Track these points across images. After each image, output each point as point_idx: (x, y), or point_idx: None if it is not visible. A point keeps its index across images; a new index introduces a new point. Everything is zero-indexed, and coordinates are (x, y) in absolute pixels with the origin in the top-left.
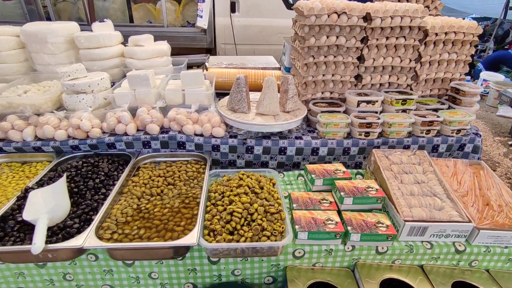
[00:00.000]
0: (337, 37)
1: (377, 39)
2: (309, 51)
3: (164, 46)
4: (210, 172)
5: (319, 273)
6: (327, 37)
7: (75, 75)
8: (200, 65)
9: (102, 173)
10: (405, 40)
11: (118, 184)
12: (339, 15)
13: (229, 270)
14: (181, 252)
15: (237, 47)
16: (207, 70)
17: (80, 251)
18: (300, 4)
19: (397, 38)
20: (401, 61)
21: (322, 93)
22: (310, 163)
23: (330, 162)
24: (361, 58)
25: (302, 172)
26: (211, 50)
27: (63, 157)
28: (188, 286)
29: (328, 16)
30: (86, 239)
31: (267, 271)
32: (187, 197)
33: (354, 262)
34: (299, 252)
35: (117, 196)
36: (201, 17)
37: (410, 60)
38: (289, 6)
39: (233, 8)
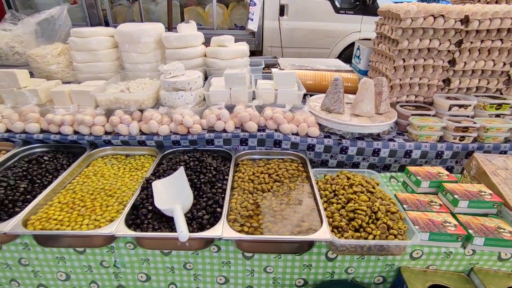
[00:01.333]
0: (430, 40)
1: (472, 42)
2: (399, 54)
3: (245, 46)
4: (312, 170)
5: (434, 275)
6: (420, 40)
7: (175, 73)
8: (272, 66)
9: (212, 168)
10: (502, 43)
11: (230, 179)
12: (435, 18)
13: (343, 267)
14: (306, 247)
15: (283, 50)
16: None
17: (211, 241)
18: (395, 7)
19: (493, 41)
20: (494, 64)
21: (407, 96)
22: (401, 166)
23: (420, 165)
24: (451, 62)
25: (393, 174)
26: (255, 53)
27: (165, 151)
28: (299, 281)
29: (424, 19)
30: (223, 230)
31: (380, 271)
32: (299, 194)
33: (470, 267)
34: (417, 253)
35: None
36: (252, 20)
37: (504, 64)
38: (337, 10)
39: (281, 12)
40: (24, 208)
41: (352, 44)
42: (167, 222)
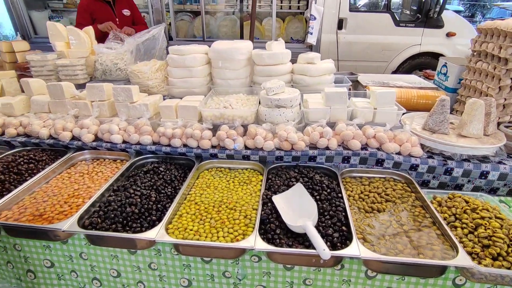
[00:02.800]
0: None
1: None
2: (507, 72)
3: (331, 64)
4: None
5: None
6: None
7: (277, 91)
8: (352, 82)
9: (324, 185)
10: None
11: (345, 197)
12: None
13: None
14: (438, 272)
15: (340, 63)
16: (365, 88)
17: (340, 259)
18: (504, 24)
19: None
20: None
21: (511, 116)
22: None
23: None
24: None
25: (502, 198)
26: None
27: (269, 166)
28: None
29: None
30: (360, 249)
31: None
32: (415, 215)
33: None
34: None
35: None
36: (311, 34)
37: None
38: (397, 23)
39: (340, 25)
40: (161, 216)
41: (412, 57)
42: (295, 238)
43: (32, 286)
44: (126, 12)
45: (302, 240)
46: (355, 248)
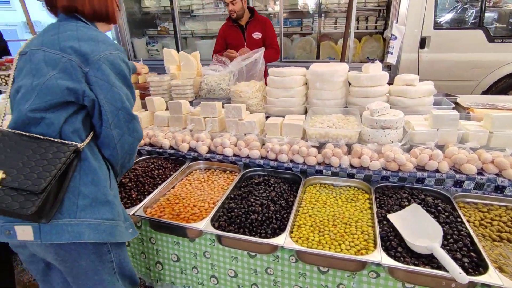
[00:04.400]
0: None
1: None
2: None
3: (431, 86)
4: None
5: None
6: None
7: (382, 112)
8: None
9: (440, 208)
10: None
11: (465, 222)
12: None
13: None
14: None
15: None
16: (467, 110)
17: (473, 285)
18: None
19: None
20: None
21: None
22: None
23: None
24: None
25: None
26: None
27: (374, 186)
28: None
29: None
30: (500, 278)
31: None
32: None
33: None
34: None
35: None
36: (391, 53)
37: None
38: (491, 39)
39: (422, 44)
40: (281, 225)
41: (509, 75)
42: (417, 258)
43: (159, 276)
44: (257, 35)
45: (426, 261)
46: (494, 277)
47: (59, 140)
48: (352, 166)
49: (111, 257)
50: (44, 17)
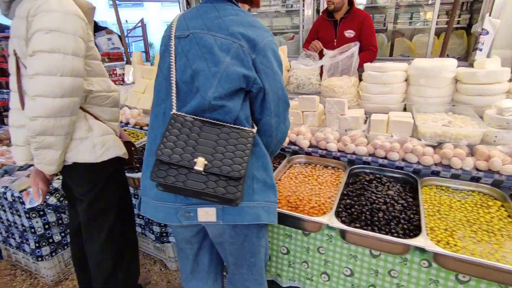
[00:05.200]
0: None
1: None
2: None
3: None
4: None
5: None
6: None
7: None
8: None
9: None
10: None
11: None
12: None
13: None
14: None
15: None
16: None
17: None
18: None
19: None
20: None
21: None
22: None
23: None
24: None
25: None
26: None
27: (507, 192)
28: None
29: None
30: None
31: None
32: None
33: None
34: None
35: None
36: (481, 50)
37: None
38: None
39: None
40: (409, 226)
41: None
42: None
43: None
44: (350, 33)
45: None
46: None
47: (238, 127)
48: (477, 169)
49: (265, 241)
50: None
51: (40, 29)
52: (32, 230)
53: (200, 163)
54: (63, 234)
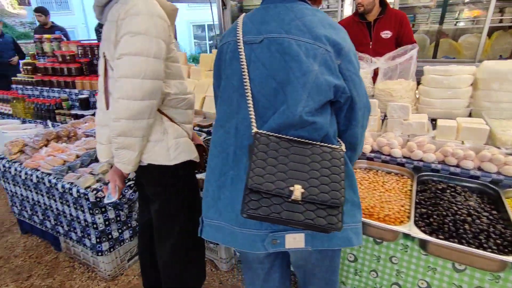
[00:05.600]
0: None
1: None
2: None
3: None
4: None
5: None
6: None
7: None
8: None
9: None
10: None
11: None
12: None
13: None
14: None
15: None
16: None
17: None
18: None
19: None
20: None
21: None
22: None
23: None
24: None
25: None
26: None
27: None
28: None
29: None
30: None
31: None
32: None
33: None
34: None
35: None
36: None
37: None
38: None
39: None
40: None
41: None
42: None
43: None
44: (386, 34)
45: None
46: None
47: (328, 145)
48: None
49: (339, 260)
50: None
51: (127, 32)
52: (94, 225)
53: (297, 192)
54: (120, 231)
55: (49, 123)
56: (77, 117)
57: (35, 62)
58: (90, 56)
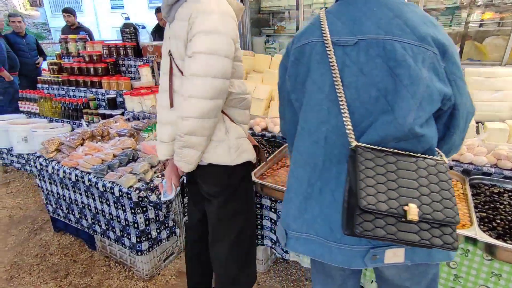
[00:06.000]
0: None
1: None
2: None
3: None
4: None
5: None
6: None
7: None
8: None
9: None
10: None
11: None
12: None
13: None
14: None
15: None
16: None
17: None
18: None
19: None
20: None
21: None
22: None
23: None
24: None
25: None
26: None
27: None
28: None
29: None
30: None
31: None
32: None
33: None
34: None
35: None
36: None
37: None
38: None
39: None
40: None
41: None
42: None
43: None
44: None
45: None
46: None
47: (432, 158)
48: None
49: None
50: (112, 20)
51: (200, 30)
52: (135, 225)
53: (413, 211)
54: (158, 231)
55: (83, 122)
56: (105, 116)
57: (60, 61)
58: (115, 56)
